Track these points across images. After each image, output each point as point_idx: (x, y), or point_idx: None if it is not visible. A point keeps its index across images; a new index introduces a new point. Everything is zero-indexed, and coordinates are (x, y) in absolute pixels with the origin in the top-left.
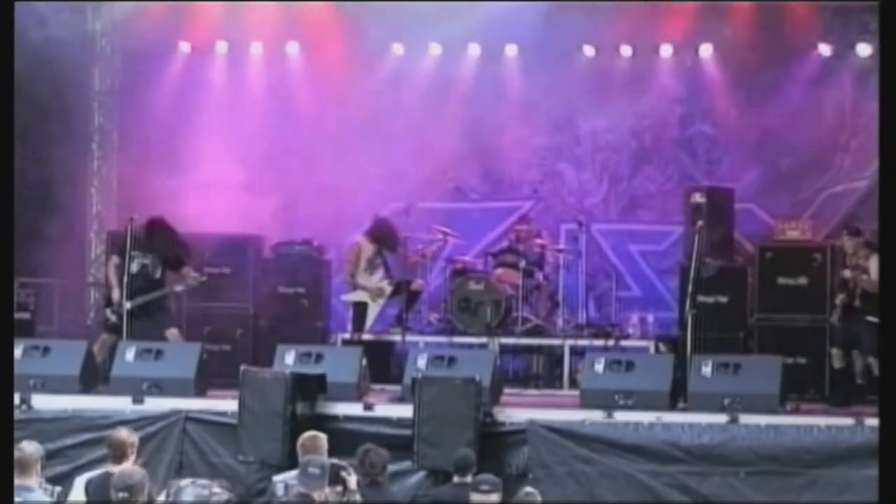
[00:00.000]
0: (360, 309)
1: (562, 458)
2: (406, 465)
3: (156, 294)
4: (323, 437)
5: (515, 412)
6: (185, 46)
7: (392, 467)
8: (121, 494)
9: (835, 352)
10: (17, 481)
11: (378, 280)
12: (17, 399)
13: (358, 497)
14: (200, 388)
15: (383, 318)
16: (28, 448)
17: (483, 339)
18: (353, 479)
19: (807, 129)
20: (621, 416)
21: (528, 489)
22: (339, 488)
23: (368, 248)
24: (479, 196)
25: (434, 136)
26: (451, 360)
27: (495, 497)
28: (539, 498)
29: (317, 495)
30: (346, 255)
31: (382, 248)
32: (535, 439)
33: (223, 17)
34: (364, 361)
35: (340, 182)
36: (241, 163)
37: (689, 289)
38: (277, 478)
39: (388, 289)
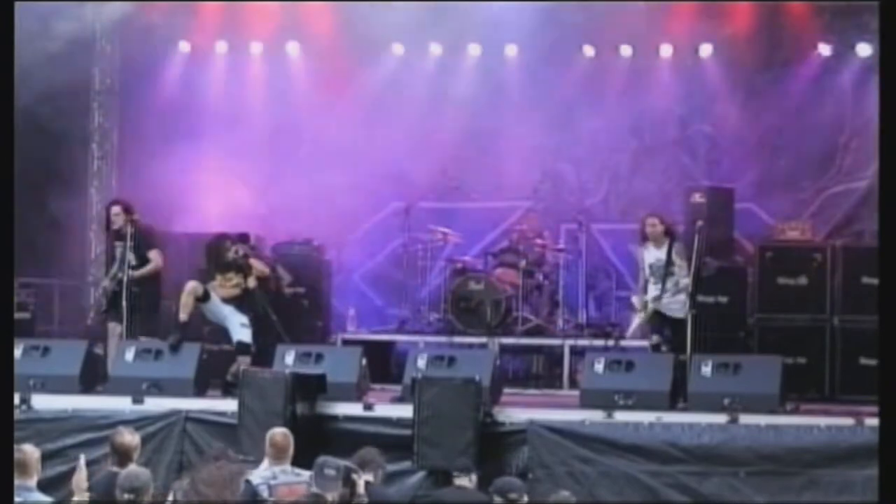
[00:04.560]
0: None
1: (562, 458)
2: (406, 465)
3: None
4: (290, 435)
5: (515, 412)
6: (185, 46)
7: (392, 467)
8: (126, 496)
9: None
10: (16, 481)
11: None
12: (17, 399)
13: (365, 500)
14: (200, 388)
15: (383, 318)
16: (28, 448)
17: (483, 339)
18: (362, 483)
19: (807, 129)
20: (621, 416)
21: (564, 492)
22: (347, 490)
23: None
24: (479, 196)
25: (434, 136)
26: (451, 360)
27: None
28: (574, 499)
29: (330, 496)
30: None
31: None
32: (535, 439)
33: (223, 17)
34: (364, 361)
35: (340, 182)
36: (240, 163)
37: (690, 289)
38: (255, 479)
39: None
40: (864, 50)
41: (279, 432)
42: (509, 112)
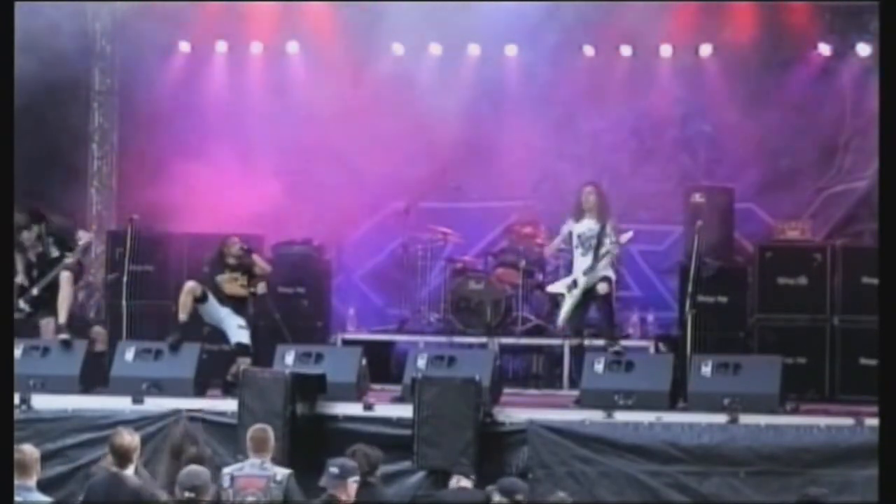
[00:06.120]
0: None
1: (562, 458)
2: (406, 465)
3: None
4: (268, 429)
5: (515, 412)
6: (185, 46)
7: (392, 467)
8: (187, 494)
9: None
10: (16, 481)
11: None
12: (17, 399)
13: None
14: (200, 388)
15: (383, 318)
16: (27, 449)
17: (483, 339)
18: (353, 487)
19: (807, 129)
20: (621, 416)
21: (561, 494)
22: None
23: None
24: (479, 196)
25: (434, 136)
26: (451, 360)
27: None
28: (570, 500)
29: (339, 494)
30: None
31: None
32: (535, 439)
33: (223, 17)
34: (364, 361)
35: (340, 182)
36: (240, 163)
37: (689, 289)
38: (226, 469)
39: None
40: (864, 50)
41: (256, 427)
42: (509, 112)
